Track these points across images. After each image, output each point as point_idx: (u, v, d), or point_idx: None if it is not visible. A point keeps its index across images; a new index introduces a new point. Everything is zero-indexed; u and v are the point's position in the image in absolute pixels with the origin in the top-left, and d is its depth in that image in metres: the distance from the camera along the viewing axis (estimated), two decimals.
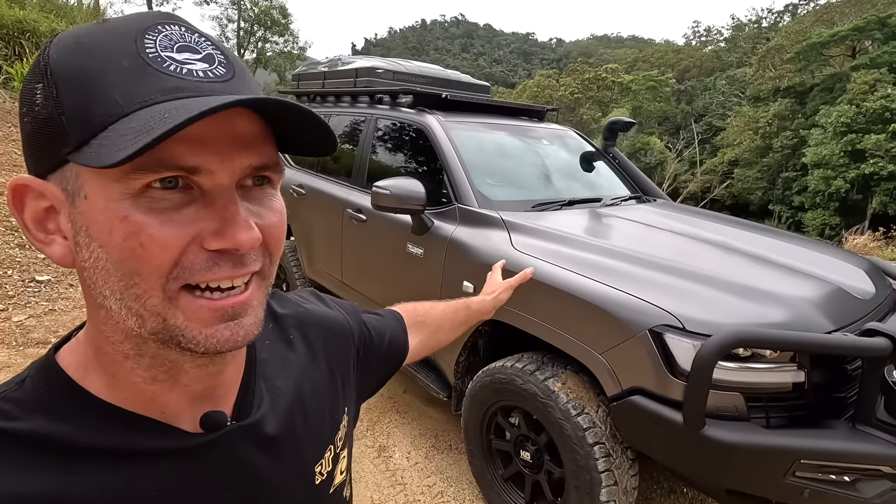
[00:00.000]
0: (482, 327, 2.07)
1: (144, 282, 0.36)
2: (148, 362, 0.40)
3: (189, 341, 0.38)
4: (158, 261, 0.36)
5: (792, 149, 28.98)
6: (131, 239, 0.35)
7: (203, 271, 0.37)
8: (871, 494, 1.35)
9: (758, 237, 2.15)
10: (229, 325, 0.39)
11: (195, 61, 0.37)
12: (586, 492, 1.63)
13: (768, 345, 1.34)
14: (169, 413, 0.43)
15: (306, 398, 0.54)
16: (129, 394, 0.41)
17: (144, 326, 0.37)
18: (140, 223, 0.35)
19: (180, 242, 0.36)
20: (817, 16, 36.41)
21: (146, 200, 0.35)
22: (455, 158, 2.39)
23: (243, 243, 0.37)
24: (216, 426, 0.44)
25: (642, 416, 1.45)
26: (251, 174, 0.39)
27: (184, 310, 0.37)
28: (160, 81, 0.35)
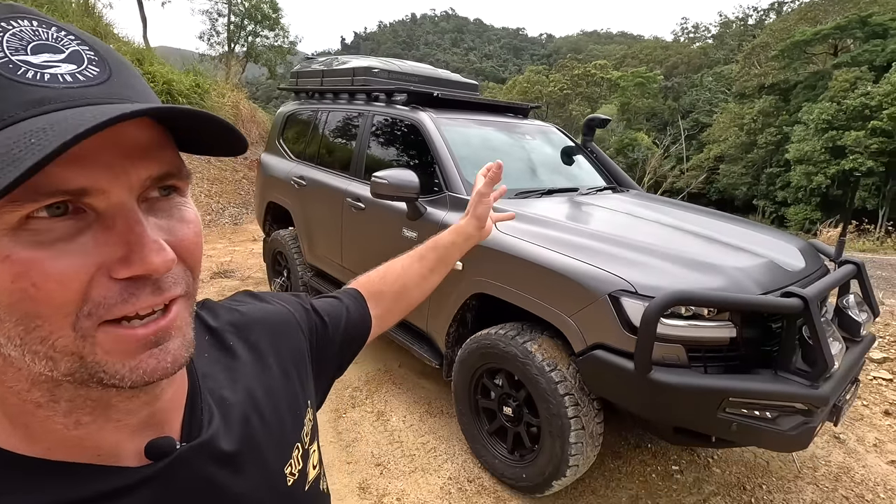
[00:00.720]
0: (470, 301, 2.34)
1: (48, 323, 0.31)
2: (66, 407, 0.35)
3: (112, 377, 0.33)
4: (59, 299, 0.31)
5: (776, 145, 29.61)
6: (20, 280, 0.29)
7: (119, 305, 0.33)
8: (788, 427, 1.65)
9: (709, 220, 2.44)
10: (153, 353, 0.35)
11: (58, 63, 0.32)
12: (558, 436, 1.91)
13: (700, 303, 1.63)
14: (105, 453, 0.38)
15: (260, 403, 0.51)
16: (51, 443, 0.36)
17: (57, 369, 0.32)
18: (26, 261, 0.29)
19: (81, 276, 0.31)
20: (801, 14, 37.06)
21: (29, 234, 0.30)
22: (446, 151, 2.65)
23: (157, 267, 0.33)
24: (164, 453, 0.40)
25: (603, 366, 1.74)
26: (153, 185, 0.35)
27: (101, 344, 0.33)
28: (18, 94, 0.30)
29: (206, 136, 0.37)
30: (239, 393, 0.49)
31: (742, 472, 2.41)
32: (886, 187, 23.47)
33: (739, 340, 1.71)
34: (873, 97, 22.96)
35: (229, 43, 22.35)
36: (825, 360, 1.60)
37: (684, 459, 2.47)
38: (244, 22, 22.21)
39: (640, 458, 2.46)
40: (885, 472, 2.46)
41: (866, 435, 2.75)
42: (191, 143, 0.38)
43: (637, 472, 2.37)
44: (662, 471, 2.38)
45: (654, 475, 2.35)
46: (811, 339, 1.64)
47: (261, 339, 0.56)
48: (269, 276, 4.44)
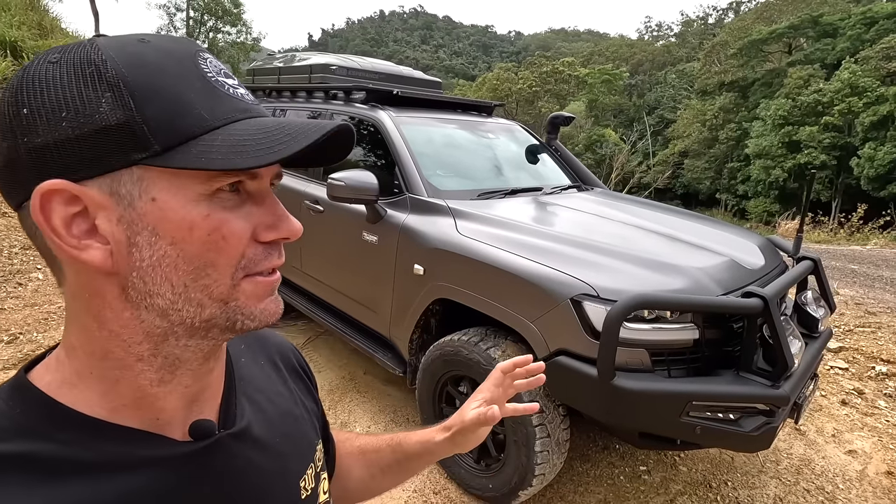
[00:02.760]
0: (433, 306, 2.26)
1: (216, 271, 0.40)
2: (160, 362, 0.41)
3: (247, 317, 0.42)
4: (235, 251, 0.40)
5: (736, 140, 30.64)
6: (215, 233, 0.39)
7: (263, 260, 0.42)
8: (750, 428, 1.63)
9: (671, 219, 2.44)
10: (273, 299, 0.44)
11: (237, 86, 0.42)
12: (523, 444, 1.86)
13: (662, 306, 1.60)
14: (163, 419, 0.43)
15: (283, 414, 0.56)
16: (129, 400, 0.41)
17: (202, 315, 0.40)
18: (221, 219, 0.39)
19: (248, 234, 0.41)
20: (758, 14, 38.47)
21: (219, 200, 0.39)
22: (406, 151, 2.56)
23: (295, 231, 0.44)
24: (206, 434, 0.45)
25: (566, 372, 1.69)
26: (275, 179, 0.46)
27: (244, 291, 0.41)
28: (231, 102, 0.40)
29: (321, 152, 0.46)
30: (266, 400, 0.55)
31: (708, 469, 2.42)
32: (839, 180, 24.61)
33: (702, 342, 1.69)
34: (825, 94, 24.02)
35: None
36: (786, 360, 1.59)
37: (651, 459, 2.46)
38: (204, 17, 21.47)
39: (608, 460, 2.44)
40: (843, 463, 2.51)
41: (825, 425, 2.81)
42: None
43: (605, 474, 2.34)
44: (630, 472, 2.37)
45: (623, 477, 2.33)
46: (771, 338, 1.63)
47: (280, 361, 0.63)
48: None
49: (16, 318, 3.58)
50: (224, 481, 0.45)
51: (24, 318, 3.60)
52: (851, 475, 2.43)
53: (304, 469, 0.55)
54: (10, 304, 3.74)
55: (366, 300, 2.66)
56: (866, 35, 26.34)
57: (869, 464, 2.51)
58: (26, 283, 4.06)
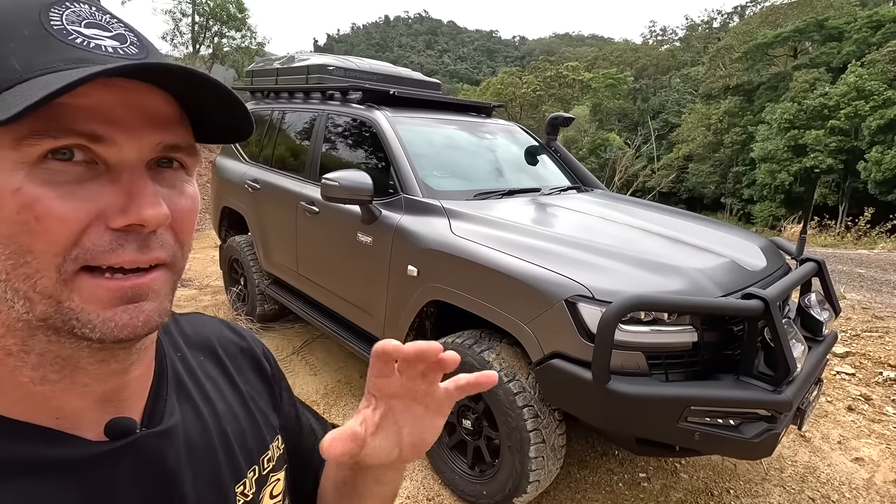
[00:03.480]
0: (427, 308, 2.22)
1: (37, 260, 0.33)
2: (35, 360, 0.36)
3: (84, 325, 0.34)
4: (55, 237, 0.33)
5: (741, 144, 30.48)
6: (24, 212, 0.32)
7: (106, 253, 0.34)
8: (751, 434, 1.58)
9: (672, 220, 2.39)
10: (128, 309, 0.36)
11: (104, 38, 0.35)
12: (517, 450, 1.81)
13: (658, 308, 1.55)
14: (64, 417, 0.38)
15: (222, 414, 0.50)
16: (13, 398, 0.36)
17: (33, 311, 0.34)
18: (35, 195, 0.32)
19: (81, 218, 0.33)
20: (763, 17, 38.32)
21: (43, 172, 0.32)
22: (401, 151, 2.53)
23: (148, 218, 0.35)
24: (124, 433, 0.40)
25: (560, 376, 1.64)
26: (162, 153, 0.38)
27: (80, 291, 0.34)
28: (63, 52, 0.33)
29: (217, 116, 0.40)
30: (203, 398, 0.50)
31: (710, 476, 2.35)
32: (846, 184, 24.40)
33: (701, 345, 1.64)
34: (831, 97, 23.86)
35: (194, 44, 21.73)
36: (788, 364, 1.54)
37: (651, 466, 2.40)
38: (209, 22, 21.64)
39: (606, 466, 2.38)
40: (849, 471, 2.44)
41: (830, 432, 2.74)
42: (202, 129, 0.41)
43: (604, 481, 2.29)
44: (629, 479, 2.31)
45: (622, 484, 2.27)
46: (773, 341, 1.58)
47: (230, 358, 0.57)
48: (225, 285, 4.23)
49: None
50: (141, 485, 0.40)
51: None
52: (858, 483, 2.36)
53: (244, 473, 0.49)
54: None
55: (361, 302, 2.62)
56: (872, 38, 26.19)
57: (876, 472, 2.44)
58: None
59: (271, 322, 3.79)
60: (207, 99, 0.38)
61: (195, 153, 0.41)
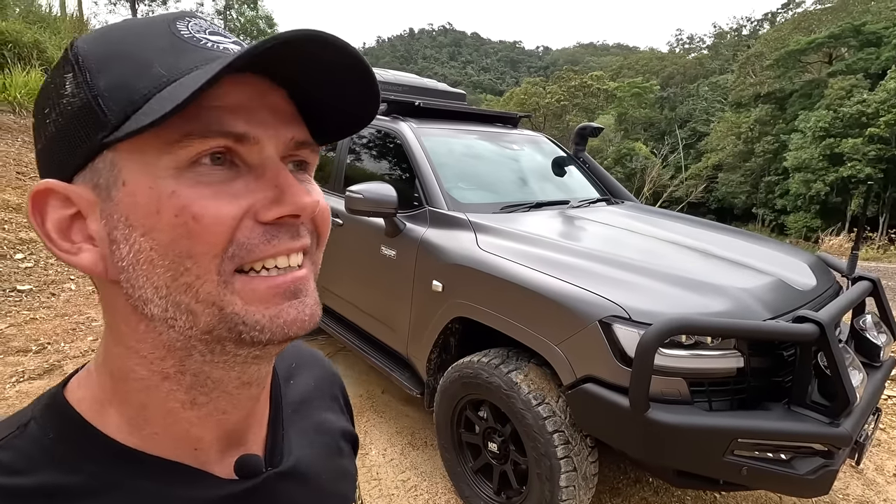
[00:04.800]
0: (452, 325, 2.15)
1: (197, 265, 0.32)
2: (189, 381, 0.36)
3: (252, 328, 0.34)
4: (213, 236, 0.32)
5: (773, 153, 29.59)
6: (183, 213, 0.32)
7: (261, 246, 0.34)
8: (805, 471, 1.45)
9: (709, 234, 2.26)
10: (293, 304, 0.35)
11: (228, 43, 0.36)
12: (547, 478, 1.71)
13: (703, 331, 1.44)
14: (202, 449, 0.38)
15: (329, 447, 0.50)
16: (160, 427, 0.36)
17: (197, 324, 0.33)
18: (191, 196, 0.32)
19: (234, 215, 0.33)
20: (795, 24, 37.33)
21: (194, 174, 0.32)
22: (426, 163, 2.48)
23: (305, 205, 0.35)
24: (253, 472, 0.40)
25: (594, 402, 1.54)
26: (293, 150, 0.37)
27: (241, 293, 0.34)
28: (200, 54, 0.34)
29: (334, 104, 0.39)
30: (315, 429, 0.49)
31: None
32: (886, 194, 23.37)
33: (747, 371, 1.52)
34: (870, 104, 22.97)
35: None
36: (847, 394, 1.41)
37: (689, 496, 2.26)
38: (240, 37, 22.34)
39: (640, 494, 2.25)
40: None
41: (885, 463, 2.54)
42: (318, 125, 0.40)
43: None
44: None
45: None
46: (829, 369, 1.45)
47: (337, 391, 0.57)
48: None
49: (46, 327, 3.64)
50: None
51: (54, 328, 3.66)
52: None
53: None
54: (41, 314, 3.82)
55: (384, 317, 2.57)
56: None
57: None
58: (59, 294, 4.14)
59: None
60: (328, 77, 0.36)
61: (317, 150, 0.40)
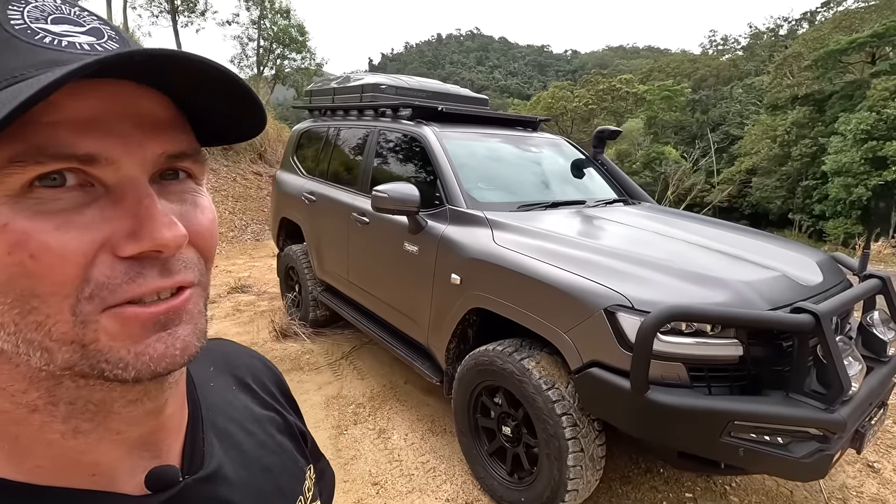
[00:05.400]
0: (469, 316, 2.28)
1: (46, 305, 0.28)
2: (65, 410, 0.32)
3: (114, 366, 0.30)
4: (59, 275, 0.28)
5: (811, 157, 28.56)
6: (17, 251, 0.27)
7: (124, 285, 0.30)
8: (801, 454, 1.52)
9: (720, 233, 2.33)
10: (161, 337, 0.31)
11: (77, 34, 0.31)
12: (556, 458, 1.82)
13: (699, 318, 1.53)
14: (101, 474, 0.34)
15: (261, 445, 0.47)
16: (43, 460, 0.32)
17: (54, 361, 0.29)
18: (26, 230, 0.27)
19: (84, 250, 0.29)
20: (836, 23, 35.99)
21: (32, 202, 0.28)
22: (447, 164, 2.63)
23: (167, 241, 0.31)
24: (167, 483, 0.36)
25: (599, 384, 1.65)
26: (166, 165, 0.33)
27: (106, 329, 0.30)
28: (33, 55, 0.28)
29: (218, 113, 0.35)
30: (241, 429, 0.46)
31: (762, 501, 2.25)
32: None
33: (747, 359, 1.60)
34: None
35: (258, 66, 23.19)
36: (841, 382, 1.48)
37: (699, 487, 2.32)
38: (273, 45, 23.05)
39: (650, 483, 2.33)
40: None
41: None
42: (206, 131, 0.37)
43: (647, 498, 2.24)
44: (675, 498, 2.24)
45: (665, 502, 2.22)
46: (825, 358, 1.52)
47: (263, 384, 0.54)
48: (281, 291, 4.49)
49: None
50: None
51: None
52: None
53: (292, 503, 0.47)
54: None
55: (406, 309, 2.72)
56: None
57: None
58: None
59: (322, 328, 3.98)
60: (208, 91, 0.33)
61: (202, 159, 0.36)
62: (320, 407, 2.92)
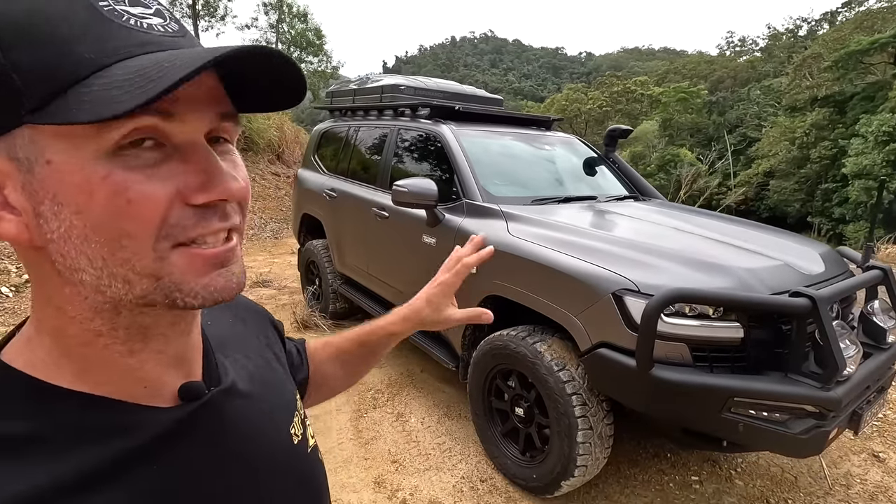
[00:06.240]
0: (484, 303, 2.41)
1: (134, 242, 0.34)
2: (123, 334, 0.39)
3: (186, 295, 0.37)
4: (148, 217, 0.34)
5: (831, 159, 28.08)
6: (117, 197, 0.33)
7: (192, 227, 0.36)
8: (798, 430, 1.61)
9: (725, 225, 2.43)
10: (222, 273, 0.39)
11: (149, 16, 0.36)
12: (566, 435, 1.94)
13: (700, 300, 1.64)
14: (150, 386, 0.41)
15: (260, 367, 0.55)
16: (106, 375, 0.39)
17: (132, 291, 0.36)
18: (125, 179, 0.33)
19: (166, 196, 0.35)
20: (857, 23, 35.37)
21: (124, 158, 0.33)
22: (464, 161, 2.76)
23: (233, 192, 0.37)
24: (196, 395, 0.44)
25: (607, 363, 1.76)
26: (218, 122, 0.39)
27: (176, 264, 0.36)
28: (128, 35, 0.34)
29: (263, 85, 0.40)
30: (242, 355, 0.55)
31: (767, 485, 2.33)
32: None
33: (747, 342, 1.70)
34: None
35: None
36: (836, 361, 1.57)
37: (705, 470, 2.41)
38: (290, 49, 23.47)
39: (657, 466, 2.42)
40: None
41: None
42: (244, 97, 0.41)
43: (654, 480, 2.33)
44: (681, 480, 2.34)
45: (672, 484, 2.31)
46: (821, 339, 1.61)
47: (256, 321, 0.64)
48: (302, 284, 4.65)
49: None
50: (222, 436, 0.45)
51: None
52: None
53: (291, 417, 0.55)
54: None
55: None
56: None
57: None
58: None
59: (342, 319, 4.13)
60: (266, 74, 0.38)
61: (238, 121, 0.42)
62: (341, 392, 3.06)
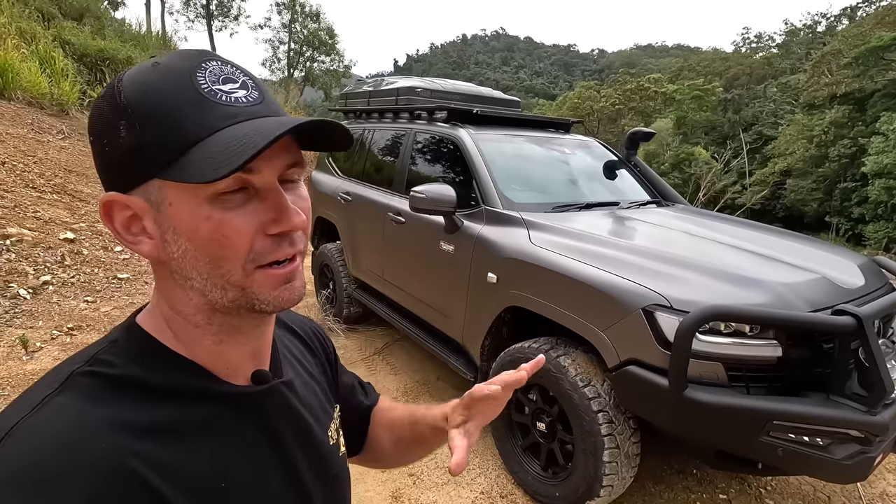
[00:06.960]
0: (504, 314, 2.34)
1: (228, 263, 0.46)
2: (216, 329, 0.51)
3: (262, 302, 0.49)
4: (239, 247, 0.46)
5: (850, 158, 27.49)
6: (216, 232, 0.45)
7: (271, 252, 0.48)
8: (842, 456, 1.53)
9: (756, 235, 2.33)
10: (287, 287, 0.50)
11: (236, 90, 0.48)
12: (591, 453, 1.86)
13: (737, 318, 1.56)
14: (232, 368, 0.54)
15: (310, 374, 0.68)
16: (201, 353, 0.52)
17: (226, 297, 0.48)
18: (222, 219, 0.45)
19: (251, 230, 0.46)
20: (878, 18, 34.56)
21: (221, 202, 0.45)
22: (483, 166, 2.69)
23: (296, 225, 0.49)
24: (265, 380, 0.56)
25: (637, 382, 1.69)
26: (287, 169, 0.49)
27: (258, 280, 0.48)
28: (219, 111, 0.45)
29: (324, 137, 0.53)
30: (298, 362, 0.67)
31: None
32: None
33: (786, 361, 1.62)
34: None
35: (289, 68, 23.71)
36: (884, 384, 1.48)
37: (733, 489, 2.33)
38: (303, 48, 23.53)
39: (683, 484, 2.34)
40: None
41: None
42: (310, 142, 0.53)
43: (680, 498, 2.25)
44: (708, 499, 2.25)
45: (699, 503, 2.23)
46: (867, 360, 1.52)
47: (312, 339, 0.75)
48: (315, 288, 4.62)
49: None
50: (280, 417, 0.57)
51: None
52: None
53: (329, 422, 0.66)
54: (139, 300, 4.35)
55: (441, 306, 2.79)
56: None
57: None
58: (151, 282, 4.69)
59: (355, 324, 4.09)
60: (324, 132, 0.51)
61: (304, 164, 0.53)
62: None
